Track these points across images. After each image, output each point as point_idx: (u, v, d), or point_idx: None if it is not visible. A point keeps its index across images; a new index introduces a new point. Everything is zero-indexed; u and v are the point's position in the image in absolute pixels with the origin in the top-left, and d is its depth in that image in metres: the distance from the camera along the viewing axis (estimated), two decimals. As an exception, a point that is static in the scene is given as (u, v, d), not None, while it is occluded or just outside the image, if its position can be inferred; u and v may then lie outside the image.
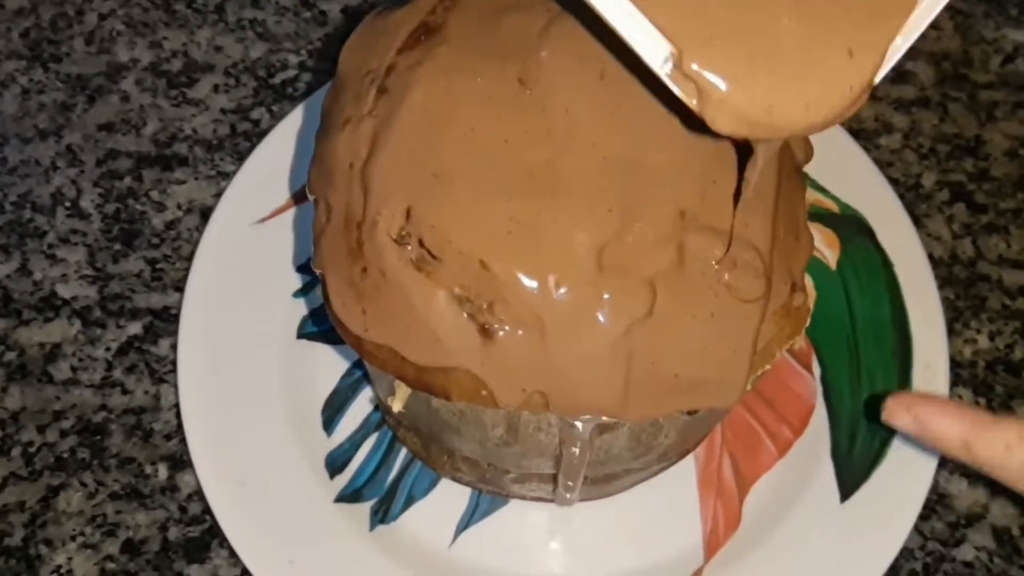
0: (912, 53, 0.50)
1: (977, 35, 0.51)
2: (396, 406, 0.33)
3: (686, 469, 0.41)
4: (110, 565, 0.39)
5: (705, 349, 0.30)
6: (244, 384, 0.41)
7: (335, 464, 0.40)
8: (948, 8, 0.51)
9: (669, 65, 0.25)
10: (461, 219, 0.29)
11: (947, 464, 0.41)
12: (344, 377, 0.42)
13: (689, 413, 0.31)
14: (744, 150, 0.30)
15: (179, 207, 0.46)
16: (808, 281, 0.43)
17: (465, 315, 0.29)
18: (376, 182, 0.30)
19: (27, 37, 0.51)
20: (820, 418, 0.41)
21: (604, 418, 0.31)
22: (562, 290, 0.29)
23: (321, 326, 0.43)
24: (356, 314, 0.31)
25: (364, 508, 0.39)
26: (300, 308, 0.43)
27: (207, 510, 0.40)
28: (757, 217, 0.30)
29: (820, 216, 0.45)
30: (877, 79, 0.25)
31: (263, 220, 0.44)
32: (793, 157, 0.33)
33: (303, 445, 0.40)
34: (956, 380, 0.43)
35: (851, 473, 0.39)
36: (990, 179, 0.48)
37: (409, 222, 0.29)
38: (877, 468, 0.39)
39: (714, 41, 0.24)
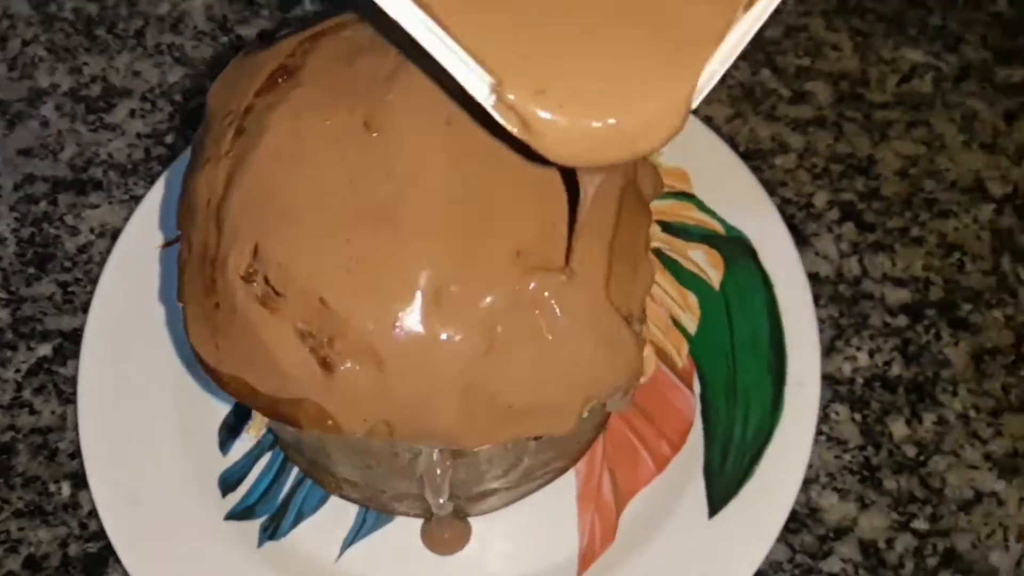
0: (810, 72, 0.51)
1: (875, 55, 0.53)
2: (252, 432, 0.34)
3: (567, 484, 0.42)
4: (11, 580, 0.41)
5: (540, 382, 0.31)
6: (142, 405, 0.42)
7: (228, 482, 0.42)
8: (848, 28, 0.52)
9: (493, 97, 0.26)
10: (303, 256, 0.30)
11: (819, 479, 0.43)
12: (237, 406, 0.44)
13: (535, 439, 0.33)
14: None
15: (92, 231, 0.48)
16: (692, 299, 0.45)
17: (307, 349, 0.31)
18: (228, 221, 0.32)
19: (-49, 64, 0.52)
20: (697, 434, 0.43)
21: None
22: (399, 327, 0.30)
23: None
24: (211, 347, 0.32)
25: (254, 525, 0.41)
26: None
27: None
28: (591, 253, 0.32)
29: (706, 237, 0.46)
30: (694, 105, 0.26)
31: (168, 244, 0.46)
32: (638, 190, 0.35)
33: (197, 464, 0.42)
34: (834, 397, 0.44)
35: (721, 489, 0.41)
36: (880, 198, 0.49)
37: (256, 259, 0.31)
38: (745, 485, 0.41)
39: (530, 69, 0.25)
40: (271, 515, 0.42)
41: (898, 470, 0.43)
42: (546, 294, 0.31)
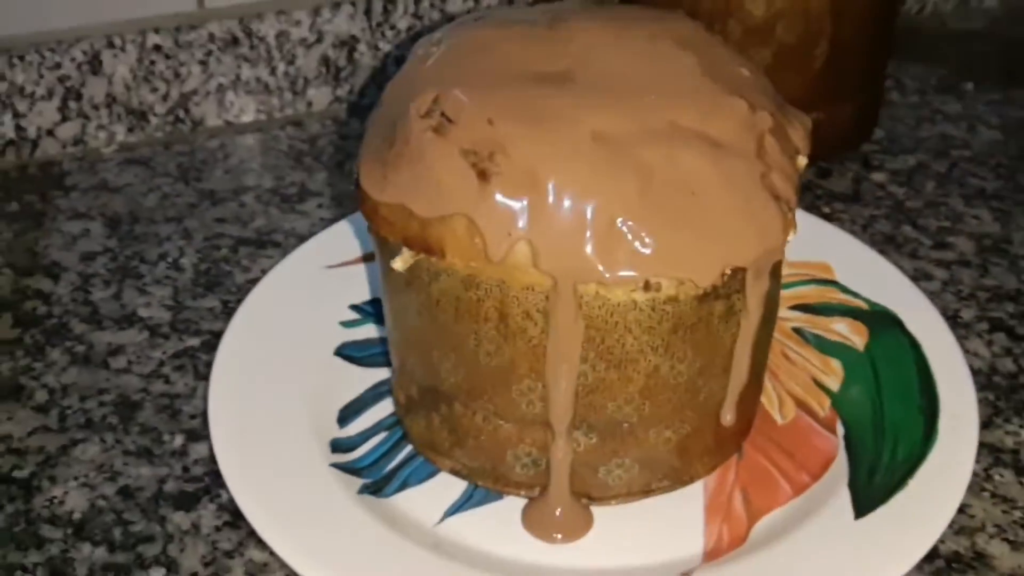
0: (952, 231, 0.53)
1: (1016, 224, 0.55)
2: (398, 264, 0.35)
3: (694, 493, 0.39)
4: (101, 502, 0.39)
5: (685, 231, 0.32)
6: (271, 380, 0.42)
7: (340, 447, 0.41)
8: (987, 207, 0.55)
9: None
10: (477, 94, 0.34)
11: (985, 528, 0.37)
12: (369, 389, 0.44)
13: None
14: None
15: (263, 271, 0.52)
16: (835, 364, 0.44)
17: (468, 165, 0.33)
18: (416, 85, 0.36)
19: (180, 166, 0.61)
20: (840, 466, 0.39)
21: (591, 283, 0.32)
22: (558, 153, 0.32)
23: (359, 351, 0.45)
24: (378, 179, 0.35)
25: (356, 481, 0.39)
26: (344, 335, 0.46)
27: (208, 473, 0.40)
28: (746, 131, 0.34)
29: (849, 311, 0.46)
30: None
31: (332, 266, 0.49)
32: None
33: (313, 424, 0.41)
34: (996, 462, 0.40)
35: (868, 499, 0.37)
36: (1032, 319, 0.48)
37: (436, 102, 0.34)
38: (897, 494, 0.36)
39: None
40: (375, 479, 0.39)
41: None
42: (700, 158, 0.33)
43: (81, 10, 0.59)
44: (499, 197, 0.32)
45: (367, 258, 0.50)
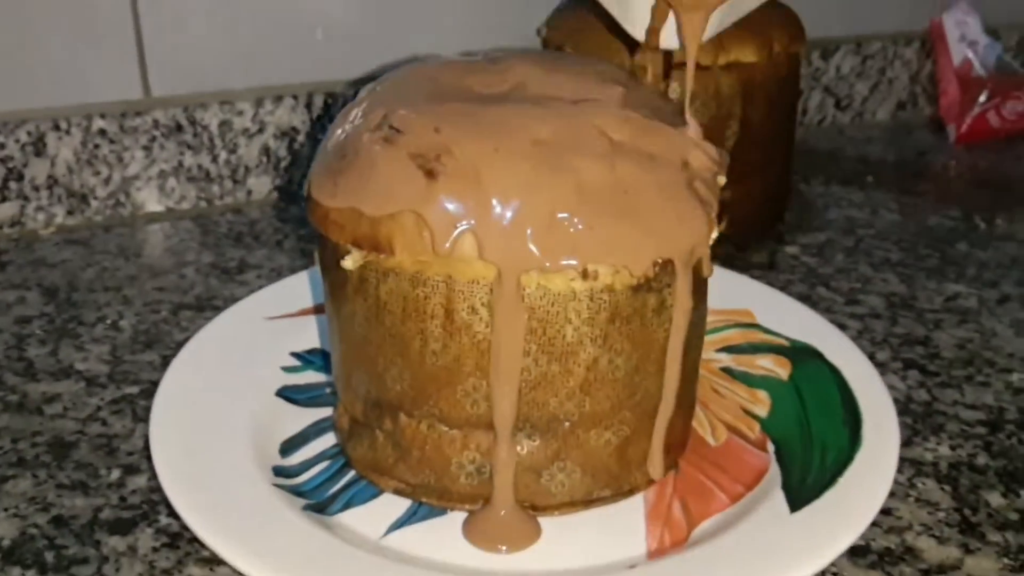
0: (863, 290, 0.57)
1: (922, 285, 0.59)
2: (348, 263, 0.36)
3: (634, 506, 0.39)
4: (32, 530, 0.38)
5: (621, 222, 0.34)
6: (212, 413, 0.42)
7: (283, 474, 0.40)
8: (894, 272, 0.59)
9: None
10: (423, 108, 0.36)
11: (912, 527, 0.39)
12: (310, 425, 0.44)
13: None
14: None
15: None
16: (762, 394, 0.46)
17: (415, 166, 0.35)
18: (364, 110, 0.38)
19: (119, 245, 0.62)
20: (773, 476, 0.40)
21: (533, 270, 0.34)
22: (500, 153, 0.35)
23: (301, 394, 0.46)
24: (328, 188, 0.37)
25: (300, 500, 0.39)
26: (285, 379, 0.47)
27: (146, 501, 0.40)
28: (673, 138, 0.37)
29: (772, 348, 0.48)
30: None
31: (273, 318, 0.50)
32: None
33: (257, 460, 0.40)
34: (918, 473, 0.42)
35: (802, 497, 0.38)
36: (941, 358, 0.51)
37: (385, 118, 0.37)
38: (829, 491, 0.38)
39: None
40: (319, 500, 0.39)
41: (1002, 527, 0.39)
42: (633, 164, 0.35)
43: (28, 93, 0.61)
44: (445, 193, 0.34)
45: (307, 311, 0.51)
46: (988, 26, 0.85)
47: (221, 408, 0.43)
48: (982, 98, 0.83)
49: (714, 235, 0.36)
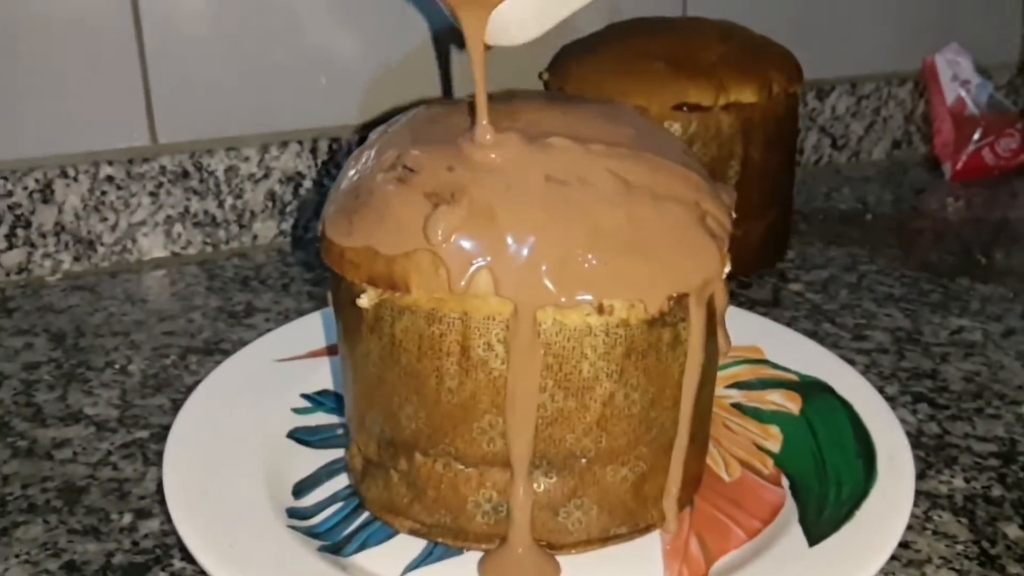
0: (868, 326, 0.57)
1: (926, 319, 0.59)
2: (363, 302, 0.36)
3: (651, 543, 0.39)
4: (46, 576, 0.38)
5: (634, 259, 0.35)
6: (224, 456, 0.42)
7: (297, 515, 0.40)
8: (898, 308, 0.59)
9: None
10: (436, 149, 0.37)
11: (932, 560, 0.39)
12: (323, 467, 0.44)
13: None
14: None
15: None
16: (774, 429, 0.46)
17: (431, 205, 0.35)
18: (377, 151, 0.39)
19: (125, 291, 0.62)
20: (789, 510, 0.40)
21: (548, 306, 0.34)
22: (514, 192, 0.35)
23: (312, 436, 0.46)
24: (343, 227, 0.37)
25: (315, 542, 0.38)
26: (296, 420, 0.47)
27: (159, 545, 0.39)
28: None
29: (782, 384, 0.48)
30: None
31: (282, 360, 0.50)
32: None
33: (270, 501, 0.40)
34: (933, 506, 0.42)
35: (819, 531, 0.38)
36: (950, 391, 0.51)
37: (398, 159, 0.37)
38: (846, 524, 0.38)
39: None
40: (334, 541, 0.39)
41: (1022, 559, 0.39)
42: (646, 202, 0.36)
43: (37, 140, 0.62)
44: (461, 231, 0.34)
45: (316, 353, 0.51)
46: (979, 66, 0.86)
47: (233, 450, 0.43)
48: (976, 136, 0.84)
49: (727, 269, 0.37)
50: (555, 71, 0.64)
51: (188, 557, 0.38)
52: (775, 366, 0.50)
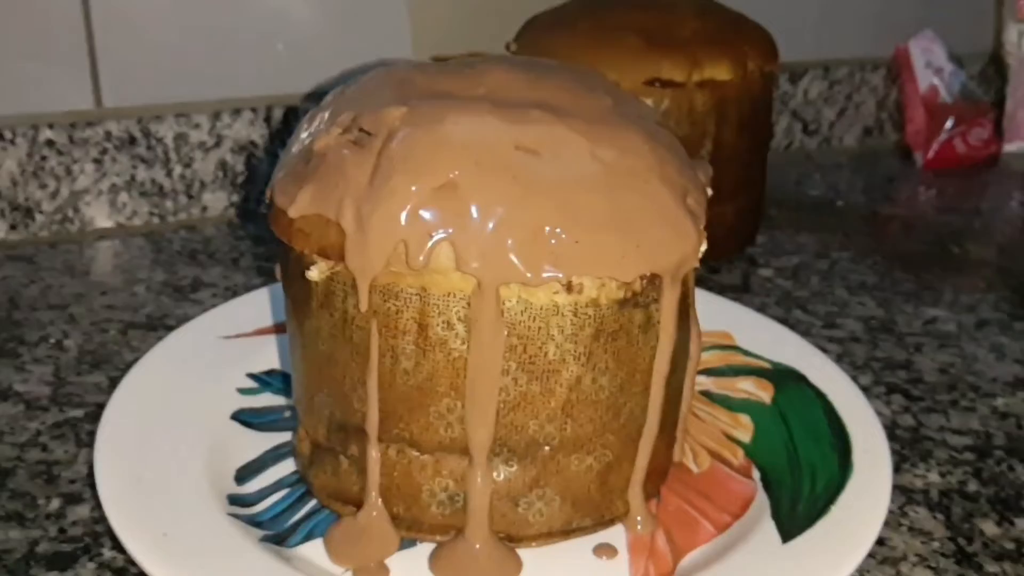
0: (841, 314, 0.56)
1: (899, 309, 0.57)
2: (313, 274, 0.33)
3: (616, 536, 0.37)
4: (-38, 565, 0.35)
5: (608, 231, 0.32)
6: (163, 437, 0.39)
7: (238, 502, 0.38)
8: (871, 297, 0.58)
9: None
10: (395, 111, 0.34)
11: (907, 558, 0.37)
12: (269, 451, 0.41)
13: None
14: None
15: (153, 351, 0.50)
16: (744, 418, 0.44)
17: (385, 168, 0.32)
18: (333, 111, 0.36)
19: (66, 262, 0.59)
20: (761, 504, 0.38)
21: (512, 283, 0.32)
22: (481, 157, 0.32)
23: (258, 418, 0.43)
24: (293, 193, 0.34)
25: (258, 532, 0.36)
26: (241, 401, 0.44)
27: (88, 533, 0.37)
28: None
29: (753, 371, 0.46)
30: None
31: (228, 337, 0.47)
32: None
33: (210, 487, 0.38)
34: (908, 501, 0.41)
35: (794, 526, 0.36)
36: (924, 383, 0.49)
37: (354, 122, 0.34)
38: (821, 520, 0.36)
39: None
40: (277, 531, 0.36)
41: (999, 558, 0.37)
42: (622, 173, 0.33)
43: (-28, 101, 0.58)
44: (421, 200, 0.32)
45: (264, 331, 0.48)
46: (952, 54, 0.85)
47: (172, 432, 0.40)
48: (948, 125, 0.82)
49: (703, 248, 0.34)
50: (523, 41, 0.62)
51: (119, 546, 0.36)
52: (746, 353, 0.48)
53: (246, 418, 0.43)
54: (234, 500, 0.38)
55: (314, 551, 0.36)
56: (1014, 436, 0.45)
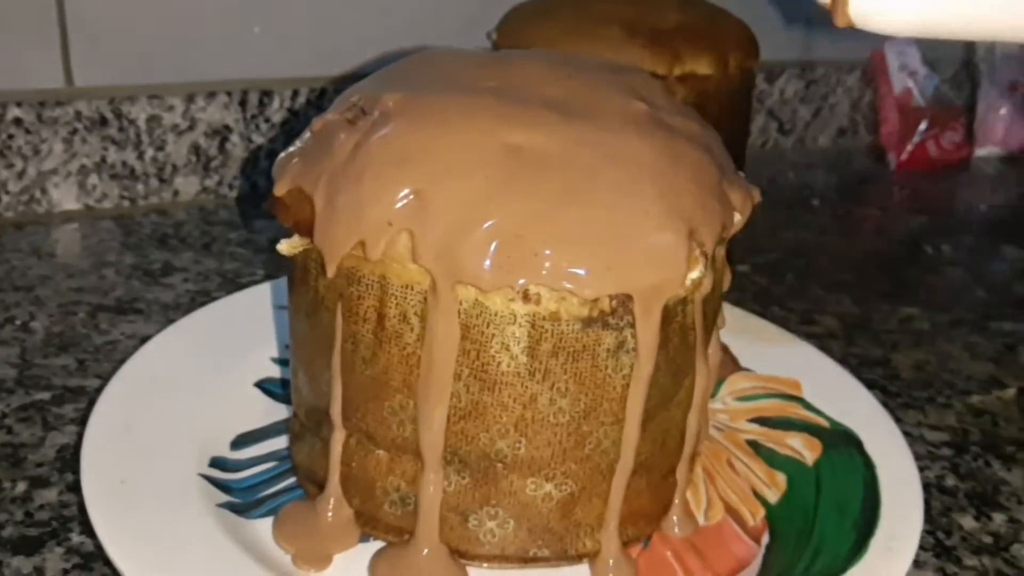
0: (817, 311, 0.56)
1: (875, 307, 0.58)
2: (283, 247, 0.33)
3: (581, 574, 0.35)
4: (-78, 549, 0.34)
5: (581, 244, 0.30)
6: (173, 394, 0.39)
7: (219, 466, 0.37)
8: (847, 295, 0.58)
9: None
10: (391, 94, 0.33)
11: (889, 551, 0.37)
12: (276, 423, 0.40)
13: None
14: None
15: (123, 334, 0.48)
16: (780, 477, 0.41)
17: (371, 149, 0.32)
18: (350, 92, 0.35)
19: (32, 244, 0.57)
20: (753, 570, 0.36)
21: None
22: (457, 153, 0.31)
23: (280, 389, 0.43)
24: (284, 166, 0.33)
25: (221, 496, 0.35)
26: (272, 370, 0.44)
27: (56, 517, 0.36)
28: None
29: (807, 427, 0.43)
30: None
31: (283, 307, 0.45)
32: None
33: (197, 446, 0.37)
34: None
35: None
36: (900, 379, 0.50)
37: (358, 101, 0.33)
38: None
39: None
40: (244, 501, 0.36)
41: (978, 551, 0.37)
42: (602, 187, 0.31)
43: (-63, 75, 0.57)
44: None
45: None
46: (925, 58, 0.86)
47: (182, 388, 0.40)
48: (922, 127, 0.83)
49: (693, 275, 0.32)
50: (504, 31, 0.61)
51: (88, 531, 0.35)
52: (808, 406, 0.44)
53: (269, 387, 0.43)
54: (215, 463, 0.37)
55: (268, 528, 0.35)
56: (989, 433, 0.46)
